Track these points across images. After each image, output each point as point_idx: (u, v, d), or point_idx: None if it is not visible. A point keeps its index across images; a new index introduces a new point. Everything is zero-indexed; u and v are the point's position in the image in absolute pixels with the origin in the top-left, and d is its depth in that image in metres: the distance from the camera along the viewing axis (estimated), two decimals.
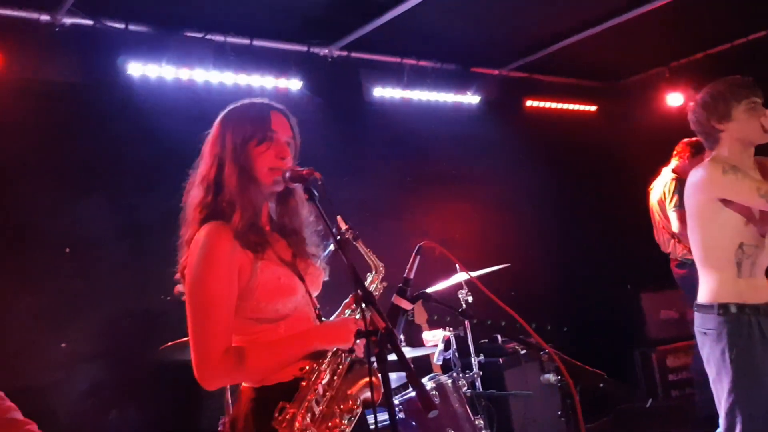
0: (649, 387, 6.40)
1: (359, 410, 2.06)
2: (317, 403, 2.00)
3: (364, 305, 1.81)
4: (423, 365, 4.79)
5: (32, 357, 4.07)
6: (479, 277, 4.20)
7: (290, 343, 2.07)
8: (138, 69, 4.55)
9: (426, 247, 2.30)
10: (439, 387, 3.74)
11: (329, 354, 2.08)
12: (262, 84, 5.08)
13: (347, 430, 2.02)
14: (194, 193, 2.16)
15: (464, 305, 4.21)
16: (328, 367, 2.05)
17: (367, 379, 2.07)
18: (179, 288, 2.11)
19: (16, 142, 4.11)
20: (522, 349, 5.45)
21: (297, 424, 1.93)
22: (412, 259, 2.32)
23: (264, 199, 2.20)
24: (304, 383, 2.01)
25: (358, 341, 2.09)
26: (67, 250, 4.36)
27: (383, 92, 5.81)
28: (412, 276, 2.30)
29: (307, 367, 2.03)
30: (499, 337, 5.54)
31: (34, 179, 4.22)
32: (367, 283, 2.34)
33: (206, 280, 1.98)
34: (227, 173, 2.11)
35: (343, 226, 2.32)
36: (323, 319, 2.24)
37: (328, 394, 2.03)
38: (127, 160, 4.56)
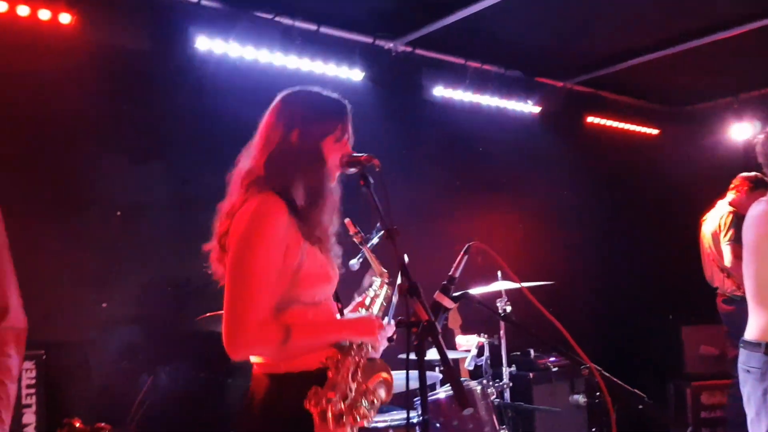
0: (681, 421, 6.25)
1: (378, 404, 2.08)
2: (350, 390, 2.00)
3: (408, 296, 1.78)
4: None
5: (74, 313, 4.16)
6: (520, 290, 4.17)
7: (328, 328, 2.08)
8: (205, 43, 4.61)
9: (475, 248, 2.27)
10: (468, 392, 3.70)
11: (355, 346, 2.08)
12: (324, 71, 5.10)
13: (371, 420, 2.02)
14: (247, 164, 2.16)
15: (502, 314, 4.16)
16: (353, 357, 2.06)
17: (383, 374, 2.12)
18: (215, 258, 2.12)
19: (81, 104, 4.20)
20: (554, 367, 5.37)
21: (332, 408, 1.93)
22: (459, 258, 2.29)
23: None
24: (331, 372, 2.01)
25: (380, 336, 2.12)
26: (119, 213, 4.45)
27: (443, 92, 5.78)
28: (457, 275, 2.28)
29: (332, 360, 2.03)
30: (532, 351, 5.47)
31: (95, 142, 4.30)
32: (374, 287, 2.38)
33: (257, 248, 1.95)
34: (298, 155, 2.11)
35: (352, 230, 2.43)
36: (344, 312, 2.26)
37: (354, 384, 2.03)
38: (185, 132, 4.63)
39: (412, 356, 1.78)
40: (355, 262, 4.26)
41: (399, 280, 1.89)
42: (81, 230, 4.25)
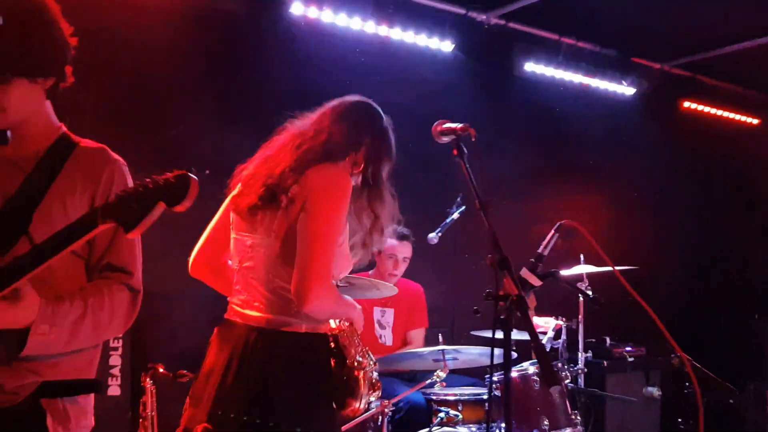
0: (757, 424, 6.00)
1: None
2: (364, 358, 2.16)
3: (499, 270, 1.76)
4: (524, 350, 4.71)
5: (162, 265, 4.30)
6: (599, 276, 4.07)
7: (352, 305, 2.24)
8: (300, 8, 4.63)
9: (566, 226, 2.22)
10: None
11: (347, 326, 2.22)
12: (414, 41, 5.05)
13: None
14: (321, 128, 2.24)
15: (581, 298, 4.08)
16: (353, 335, 2.21)
17: (366, 348, 2.27)
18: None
19: (175, 64, 4.30)
20: (630, 357, 5.24)
21: (368, 372, 2.11)
22: (549, 236, 2.25)
23: None
24: (347, 343, 2.15)
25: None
26: (207, 172, 4.55)
27: (534, 68, 5.63)
28: (546, 253, 2.24)
29: (345, 334, 2.18)
30: (608, 339, 5.34)
31: (187, 101, 4.41)
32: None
33: (340, 217, 2.08)
34: (371, 155, 2.27)
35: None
36: None
37: (366, 357, 2.18)
38: (273, 96, 4.69)
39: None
40: (433, 236, 4.27)
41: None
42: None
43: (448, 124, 2.16)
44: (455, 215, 4.08)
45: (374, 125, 2.30)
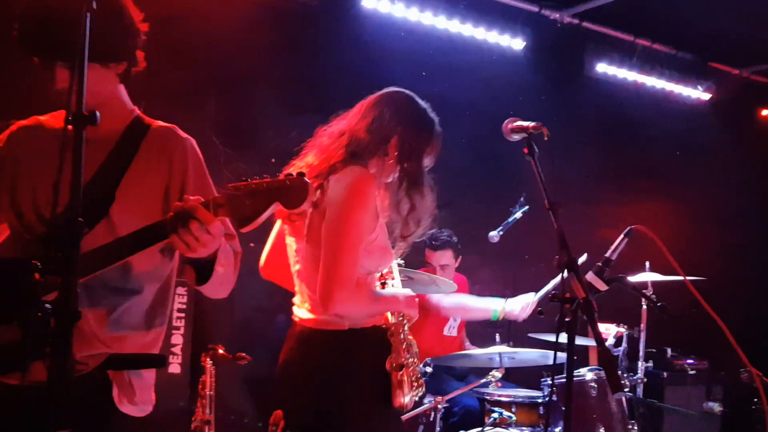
0: None
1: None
2: (409, 355, 2.18)
3: (566, 272, 1.73)
4: (581, 355, 4.63)
5: (245, 249, 4.39)
6: (664, 286, 3.96)
7: (393, 299, 2.25)
8: (371, 2, 4.65)
9: (636, 232, 2.17)
10: (600, 381, 3.58)
11: (396, 318, 2.23)
12: (485, 38, 5.01)
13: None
14: (349, 128, 2.26)
15: (645, 305, 3.98)
16: (402, 329, 2.22)
17: (414, 342, 2.27)
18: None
19: (245, 54, 4.37)
20: (691, 369, 5.09)
21: (407, 372, 2.12)
22: (618, 240, 2.19)
23: None
24: (393, 339, 2.17)
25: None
26: (273, 161, 4.63)
27: (607, 69, 5.52)
28: (614, 257, 2.18)
29: (390, 329, 2.20)
30: (669, 350, 5.20)
31: (256, 91, 4.48)
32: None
33: (361, 219, 2.11)
34: (404, 147, 2.24)
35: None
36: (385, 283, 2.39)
37: (411, 354, 2.20)
38: (341, 88, 4.71)
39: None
40: (494, 234, 4.23)
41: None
42: (238, 171, 4.46)
43: (520, 122, 2.14)
44: (518, 214, 4.04)
45: (403, 114, 2.27)
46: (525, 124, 2.11)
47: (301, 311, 2.21)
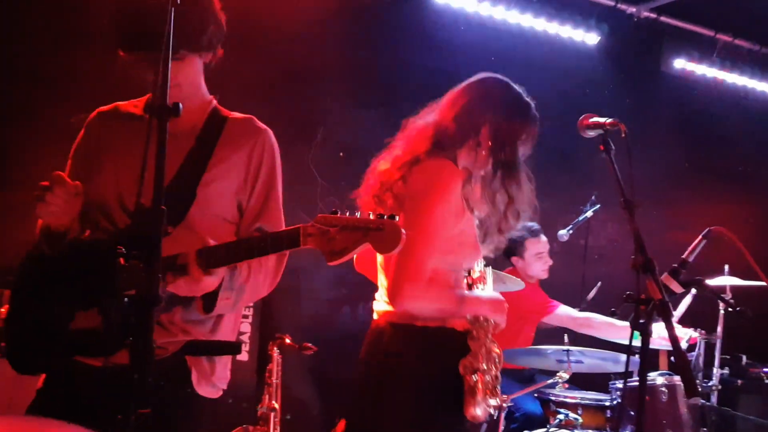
0: None
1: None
2: (487, 370, 2.06)
3: (642, 272, 1.69)
4: (650, 359, 4.50)
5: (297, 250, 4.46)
6: (740, 290, 3.80)
7: (476, 301, 2.13)
8: None
9: (716, 233, 2.09)
10: (671, 387, 3.48)
11: (481, 321, 2.11)
12: (557, 32, 4.92)
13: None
14: (436, 119, 2.19)
15: (723, 310, 3.85)
16: (485, 333, 2.11)
17: (498, 350, 2.15)
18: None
19: (319, 46, 4.41)
20: None
21: (482, 378, 2.01)
22: (696, 241, 2.13)
23: None
24: (473, 343, 2.06)
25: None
26: (342, 154, 4.67)
27: (685, 65, 5.33)
28: (691, 259, 2.12)
29: (471, 333, 2.08)
30: (744, 357, 5.00)
31: (327, 84, 4.51)
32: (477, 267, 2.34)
33: (437, 213, 2.03)
34: (489, 143, 2.14)
35: None
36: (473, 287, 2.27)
37: (491, 361, 2.09)
38: (411, 81, 4.71)
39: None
40: (564, 233, 4.16)
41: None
42: (306, 163, 4.53)
43: (596, 118, 2.09)
44: (589, 213, 3.96)
45: (492, 100, 2.16)
46: (601, 120, 2.06)
47: (380, 305, 2.17)
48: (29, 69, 3.81)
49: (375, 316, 2.19)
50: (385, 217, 1.58)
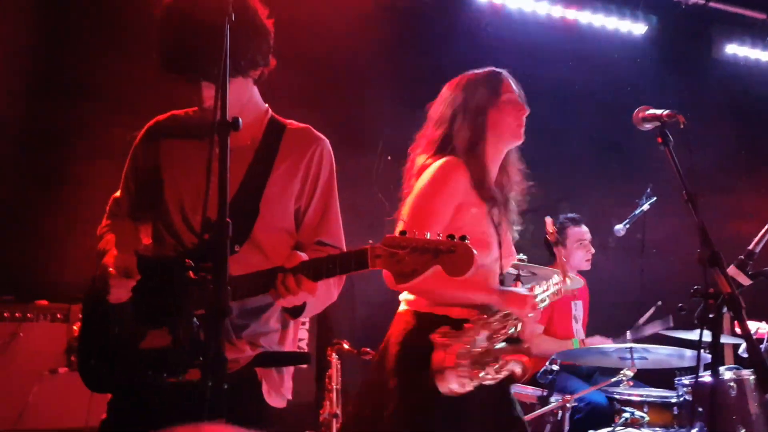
0: None
1: (505, 374, 2.12)
2: (472, 345, 2.07)
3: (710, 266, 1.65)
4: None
5: (349, 246, 4.49)
6: None
7: (479, 288, 2.18)
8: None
9: None
10: (739, 381, 3.37)
11: (500, 314, 2.17)
12: (603, 24, 4.85)
13: (490, 381, 2.09)
14: (432, 133, 2.35)
15: None
16: (493, 324, 2.15)
17: (524, 358, 2.17)
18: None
19: (366, 51, 4.45)
20: None
21: (453, 348, 2.03)
22: (763, 232, 2.07)
23: (493, 159, 2.30)
24: (468, 325, 2.10)
25: (531, 315, 2.20)
26: (389, 157, 4.69)
27: (737, 50, 5.19)
28: (758, 250, 2.06)
29: (476, 316, 2.13)
30: None
31: (375, 88, 4.54)
32: (552, 282, 2.39)
33: (431, 196, 2.17)
34: (458, 131, 2.26)
35: (550, 229, 2.44)
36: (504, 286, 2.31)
37: (486, 343, 2.11)
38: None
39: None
40: (620, 228, 4.08)
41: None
42: (356, 168, 4.55)
43: (652, 111, 2.06)
44: (645, 207, 3.88)
45: (455, 93, 2.32)
46: (658, 112, 2.03)
47: (403, 294, 2.30)
48: (84, 87, 3.92)
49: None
50: (457, 238, 1.57)
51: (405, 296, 2.27)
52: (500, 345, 2.15)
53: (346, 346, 3.33)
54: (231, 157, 1.79)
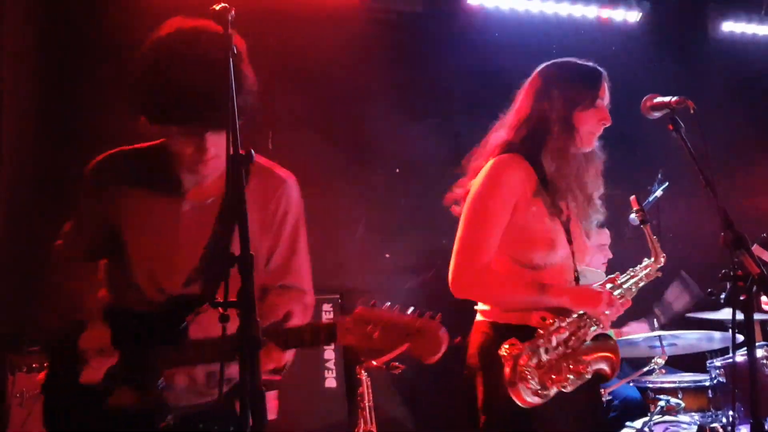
0: None
1: (588, 377, 2.06)
2: (546, 351, 2.03)
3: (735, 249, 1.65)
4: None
5: (362, 263, 4.50)
6: None
7: (543, 289, 2.12)
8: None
9: None
10: None
11: (574, 315, 2.11)
12: (598, 15, 4.87)
13: (568, 387, 2.03)
14: (501, 133, 2.25)
15: None
16: (569, 325, 2.09)
17: (609, 353, 2.12)
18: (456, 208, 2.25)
19: (362, 67, 4.46)
20: None
21: (520, 361, 1.98)
22: None
23: (558, 156, 2.21)
24: (541, 331, 2.06)
25: (608, 312, 2.12)
26: (398, 170, 4.70)
27: (733, 27, 5.16)
28: None
29: (549, 320, 2.07)
30: None
31: (375, 103, 4.54)
32: (640, 266, 2.35)
33: (489, 197, 2.12)
34: (550, 126, 2.17)
35: (635, 207, 2.43)
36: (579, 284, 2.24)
37: (560, 349, 2.06)
38: (457, 88, 4.71)
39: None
40: (635, 217, 4.06)
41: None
42: (366, 186, 4.57)
43: (660, 98, 2.07)
44: (658, 192, 3.85)
45: (546, 85, 2.22)
46: (666, 99, 2.04)
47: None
48: (102, 135, 3.95)
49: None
50: (428, 317, 1.55)
51: (480, 306, 2.22)
52: (586, 344, 2.10)
53: (374, 363, 3.32)
54: (196, 215, 1.78)
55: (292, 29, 4.34)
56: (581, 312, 2.11)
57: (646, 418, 3.34)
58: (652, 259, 2.33)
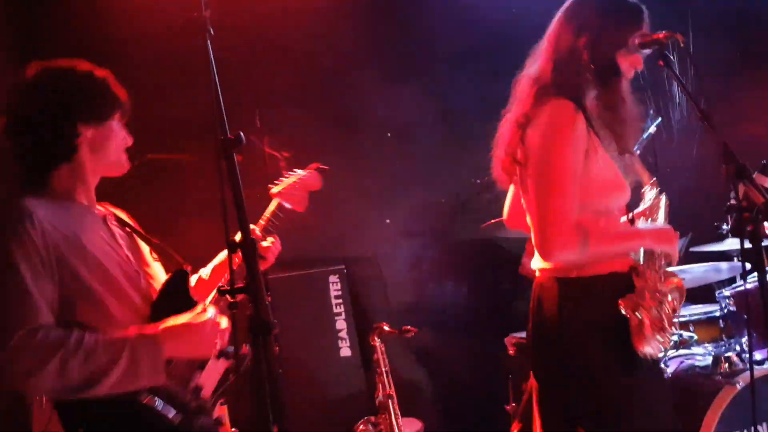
0: None
1: (680, 312, 2.06)
2: (659, 300, 1.99)
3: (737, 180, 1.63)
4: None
5: (363, 230, 4.50)
6: None
7: (629, 236, 2.07)
8: None
9: None
10: None
11: (655, 255, 2.05)
12: None
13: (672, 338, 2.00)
14: (534, 70, 2.11)
15: None
16: (654, 267, 2.03)
17: (675, 279, 2.07)
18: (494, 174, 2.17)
19: (344, 34, 4.39)
20: None
21: (648, 315, 1.93)
22: None
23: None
24: (636, 280, 1.99)
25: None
26: (389, 134, 4.66)
27: None
28: None
29: (636, 264, 2.02)
30: None
31: (360, 68, 4.49)
32: (648, 197, 2.25)
33: (560, 154, 1.96)
34: (588, 65, 2.02)
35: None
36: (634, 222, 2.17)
37: (658, 295, 2.00)
38: (440, 46, 4.64)
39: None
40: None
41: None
42: (359, 154, 4.54)
43: (648, 34, 2.01)
44: (652, 129, 3.81)
45: (581, 20, 2.05)
46: (653, 35, 1.98)
47: (535, 262, 2.14)
48: None
49: (537, 274, 2.15)
50: None
51: (541, 264, 2.11)
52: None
53: (386, 328, 3.34)
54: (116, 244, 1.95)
55: (270, 4, 4.26)
56: (660, 252, 2.05)
57: (661, 354, 3.37)
58: (650, 186, 2.25)
